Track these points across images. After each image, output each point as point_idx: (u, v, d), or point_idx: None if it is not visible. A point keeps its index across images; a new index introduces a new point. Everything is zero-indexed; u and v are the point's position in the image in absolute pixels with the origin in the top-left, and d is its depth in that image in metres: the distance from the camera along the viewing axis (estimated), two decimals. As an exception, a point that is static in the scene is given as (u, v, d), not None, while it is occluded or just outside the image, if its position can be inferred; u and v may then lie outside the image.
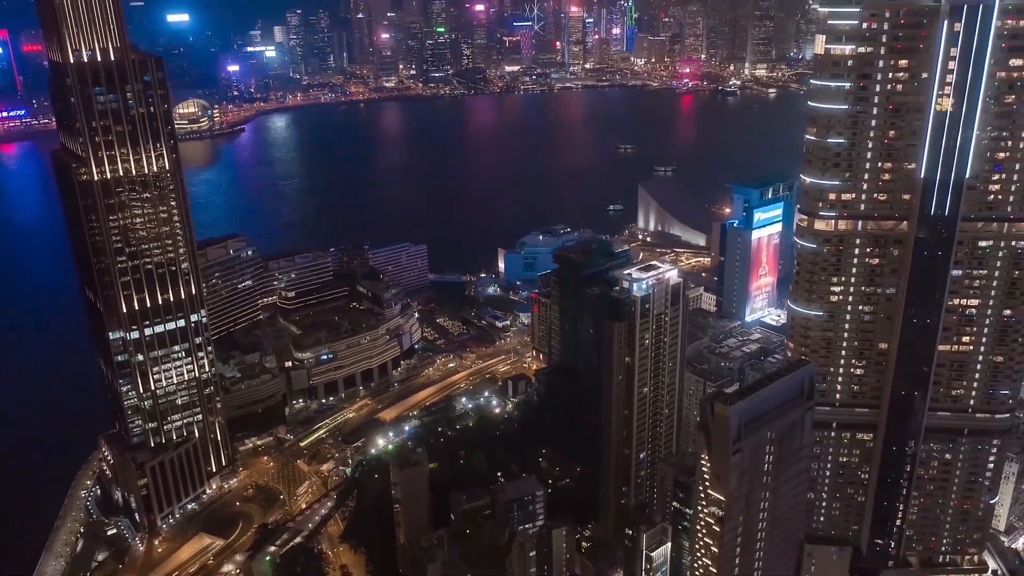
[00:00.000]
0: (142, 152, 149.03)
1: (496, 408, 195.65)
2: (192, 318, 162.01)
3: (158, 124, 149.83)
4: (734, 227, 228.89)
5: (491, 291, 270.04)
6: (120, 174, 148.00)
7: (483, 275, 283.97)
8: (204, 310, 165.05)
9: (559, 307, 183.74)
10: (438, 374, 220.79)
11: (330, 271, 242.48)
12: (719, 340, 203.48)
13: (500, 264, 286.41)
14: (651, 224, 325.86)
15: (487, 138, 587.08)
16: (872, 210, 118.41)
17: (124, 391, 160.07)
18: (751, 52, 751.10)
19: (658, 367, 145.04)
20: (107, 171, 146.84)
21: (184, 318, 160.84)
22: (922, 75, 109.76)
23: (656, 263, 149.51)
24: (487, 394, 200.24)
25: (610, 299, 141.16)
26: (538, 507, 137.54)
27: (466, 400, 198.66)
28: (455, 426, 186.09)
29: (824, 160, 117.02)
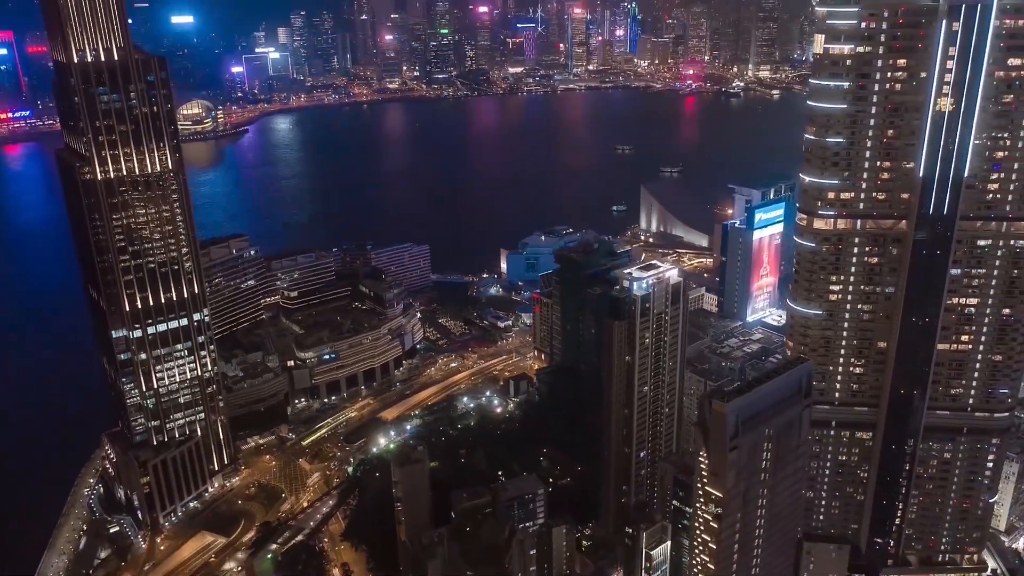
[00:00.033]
0: (145, 151, 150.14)
1: (497, 408, 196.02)
2: (195, 317, 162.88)
3: (161, 124, 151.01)
4: (735, 227, 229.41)
5: (493, 291, 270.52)
6: (123, 173, 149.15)
7: (485, 275, 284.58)
8: (207, 309, 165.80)
9: (560, 307, 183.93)
10: (440, 374, 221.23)
11: (332, 271, 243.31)
12: (720, 340, 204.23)
13: (502, 264, 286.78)
14: (654, 225, 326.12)
15: (490, 139, 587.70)
16: (871, 209, 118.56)
17: (127, 389, 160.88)
18: (755, 53, 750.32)
19: (658, 366, 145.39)
20: (110, 170, 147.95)
21: (187, 317, 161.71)
22: (921, 74, 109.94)
23: (656, 262, 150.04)
24: (488, 394, 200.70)
25: (610, 298, 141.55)
26: (538, 505, 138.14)
27: (468, 400, 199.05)
28: (456, 425, 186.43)
29: (823, 159, 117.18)
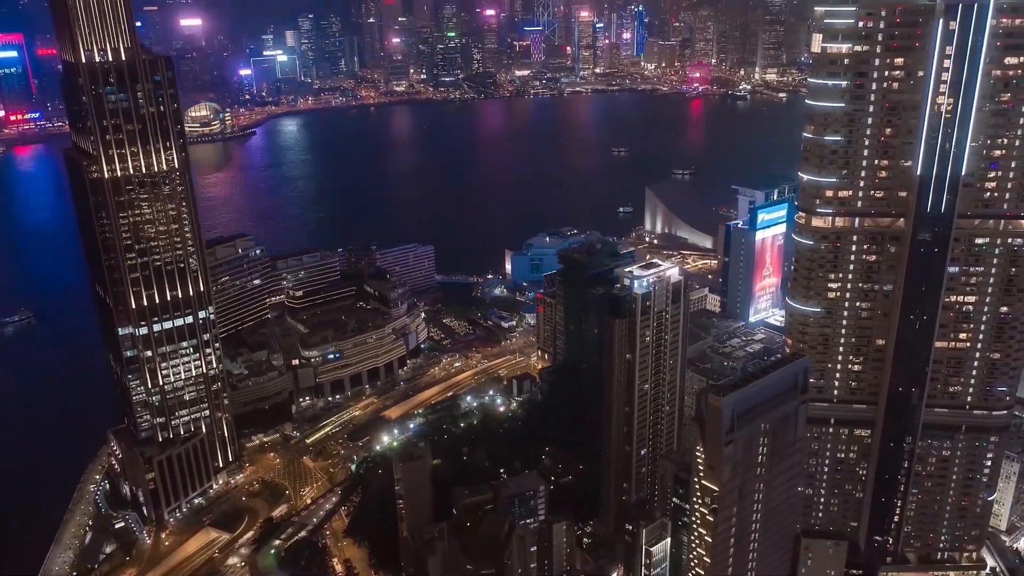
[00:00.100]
0: (152, 150, 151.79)
1: (500, 406, 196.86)
2: (200, 315, 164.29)
3: (168, 123, 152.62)
4: (738, 228, 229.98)
5: (497, 292, 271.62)
6: (130, 172, 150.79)
7: (490, 276, 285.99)
8: (212, 307, 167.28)
9: (564, 307, 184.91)
10: (444, 373, 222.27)
11: (337, 271, 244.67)
12: (723, 340, 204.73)
13: (507, 265, 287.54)
14: (658, 226, 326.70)
15: (496, 141, 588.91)
16: (869, 207, 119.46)
17: (133, 386, 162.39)
18: (761, 56, 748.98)
19: (659, 364, 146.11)
20: (117, 169, 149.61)
21: (192, 315, 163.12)
22: (918, 73, 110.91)
23: (657, 261, 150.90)
24: (492, 393, 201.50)
25: (611, 296, 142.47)
26: (539, 502, 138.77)
27: (471, 398, 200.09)
28: (459, 424, 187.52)
29: (821, 157, 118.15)
